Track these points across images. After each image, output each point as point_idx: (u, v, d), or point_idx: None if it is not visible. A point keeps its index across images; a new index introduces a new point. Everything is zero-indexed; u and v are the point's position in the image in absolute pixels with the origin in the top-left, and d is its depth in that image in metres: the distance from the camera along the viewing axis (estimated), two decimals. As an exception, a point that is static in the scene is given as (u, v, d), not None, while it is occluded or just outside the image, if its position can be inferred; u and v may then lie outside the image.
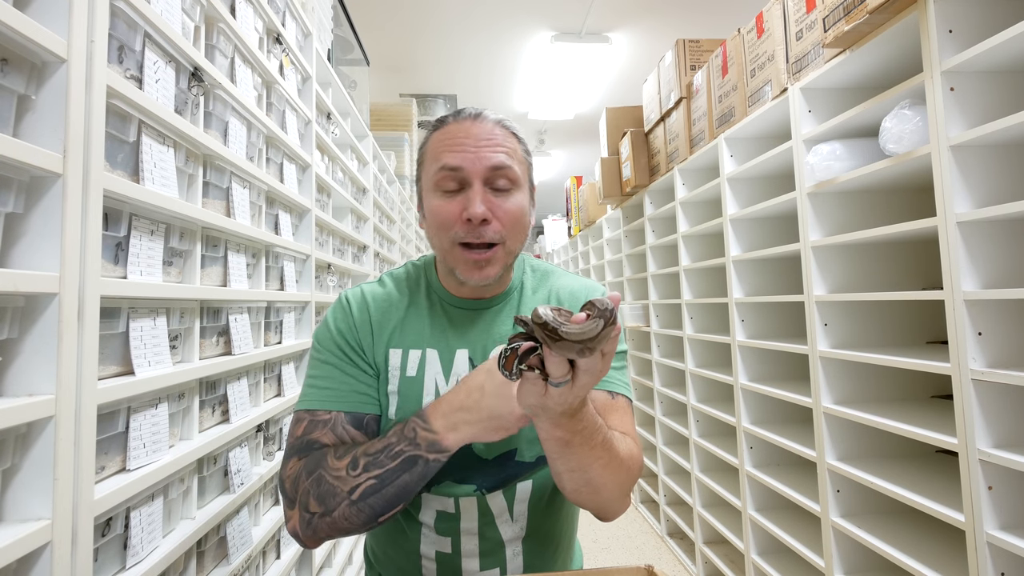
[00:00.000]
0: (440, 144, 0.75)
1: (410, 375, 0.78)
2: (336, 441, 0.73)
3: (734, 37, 1.88)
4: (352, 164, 2.09)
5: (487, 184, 0.74)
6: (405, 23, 3.71)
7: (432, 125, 0.79)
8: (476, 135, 0.74)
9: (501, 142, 0.75)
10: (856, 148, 1.39)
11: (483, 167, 0.73)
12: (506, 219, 0.74)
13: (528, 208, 0.79)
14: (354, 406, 0.75)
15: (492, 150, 0.74)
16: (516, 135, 0.78)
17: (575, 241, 4.83)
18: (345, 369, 0.77)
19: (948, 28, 1.09)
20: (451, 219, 0.73)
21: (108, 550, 0.70)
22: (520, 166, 0.77)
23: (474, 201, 0.72)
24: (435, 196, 0.75)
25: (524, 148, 0.80)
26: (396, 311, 0.81)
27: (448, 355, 0.79)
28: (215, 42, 1.00)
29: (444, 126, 0.77)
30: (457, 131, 0.75)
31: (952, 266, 1.08)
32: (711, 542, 2.33)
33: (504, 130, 0.76)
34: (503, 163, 0.74)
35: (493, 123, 0.76)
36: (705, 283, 2.40)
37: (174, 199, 0.82)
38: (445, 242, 0.75)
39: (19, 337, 0.59)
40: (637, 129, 2.79)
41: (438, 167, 0.74)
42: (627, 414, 0.78)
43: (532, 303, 0.84)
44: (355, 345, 0.79)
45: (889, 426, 1.26)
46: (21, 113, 0.60)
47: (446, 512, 0.78)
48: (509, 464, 0.78)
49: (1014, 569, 1.03)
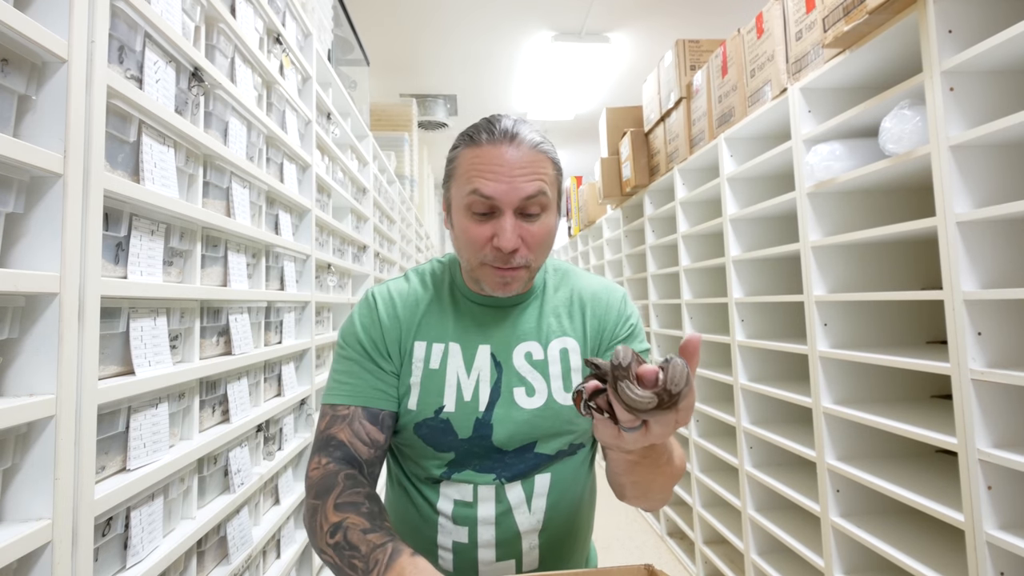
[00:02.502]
0: (472, 166, 0.74)
1: (433, 367, 0.80)
2: (351, 437, 0.76)
3: (734, 37, 1.88)
4: (352, 164, 2.09)
5: (518, 212, 0.74)
6: (405, 23, 3.71)
7: (466, 135, 0.77)
8: (511, 163, 0.72)
9: (536, 170, 0.74)
10: (856, 148, 1.39)
11: (516, 198, 0.73)
12: (534, 243, 0.75)
13: (555, 226, 0.79)
14: (371, 402, 0.78)
15: (527, 179, 0.73)
16: (552, 158, 0.77)
17: (575, 241, 4.83)
18: (365, 366, 0.80)
19: (948, 28, 1.09)
20: (480, 243, 0.75)
21: (108, 550, 0.71)
22: (552, 188, 0.77)
23: (505, 232, 0.72)
24: (465, 216, 0.76)
25: (557, 168, 0.79)
26: (421, 305, 0.84)
27: (471, 350, 0.81)
28: (215, 42, 1.00)
29: (478, 145, 0.74)
30: (493, 157, 0.73)
31: (952, 266, 1.09)
32: (711, 542, 2.34)
33: (540, 155, 0.75)
34: (536, 192, 0.73)
35: (529, 148, 0.74)
36: (705, 283, 2.40)
37: (174, 199, 0.82)
38: (473, 260, 0.77)
39: (19, 337, 0.59)
40: (637, 129, 2.79)
41: (470, 190, 0.73)
42: None
43: (554, 302, 0.86)
44: (378, 342, 0.81)
45: (889, 426, 1.26)
46: (21, 113, 0.60)
47: (464, 501, 0.79)
48: (529, 455, 0.79)
49: (1014, 569, 1.04)
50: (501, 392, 0.79)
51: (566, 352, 0.82)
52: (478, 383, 0.80)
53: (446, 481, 0.80)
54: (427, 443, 0.79)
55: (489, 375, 0.80)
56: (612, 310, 0.86)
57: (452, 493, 0.79)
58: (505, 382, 0.80)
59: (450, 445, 0.79)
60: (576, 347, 0.83)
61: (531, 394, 0.80)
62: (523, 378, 0.80)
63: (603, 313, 0.85)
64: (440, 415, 0.79)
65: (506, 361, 0.81)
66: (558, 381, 0.81)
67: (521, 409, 0.79)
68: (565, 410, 0.80)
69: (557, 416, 0.80)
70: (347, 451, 0.75)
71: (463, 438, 0.78)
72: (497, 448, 0.79)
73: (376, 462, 0.78)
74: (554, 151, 0.79)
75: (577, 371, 0.82)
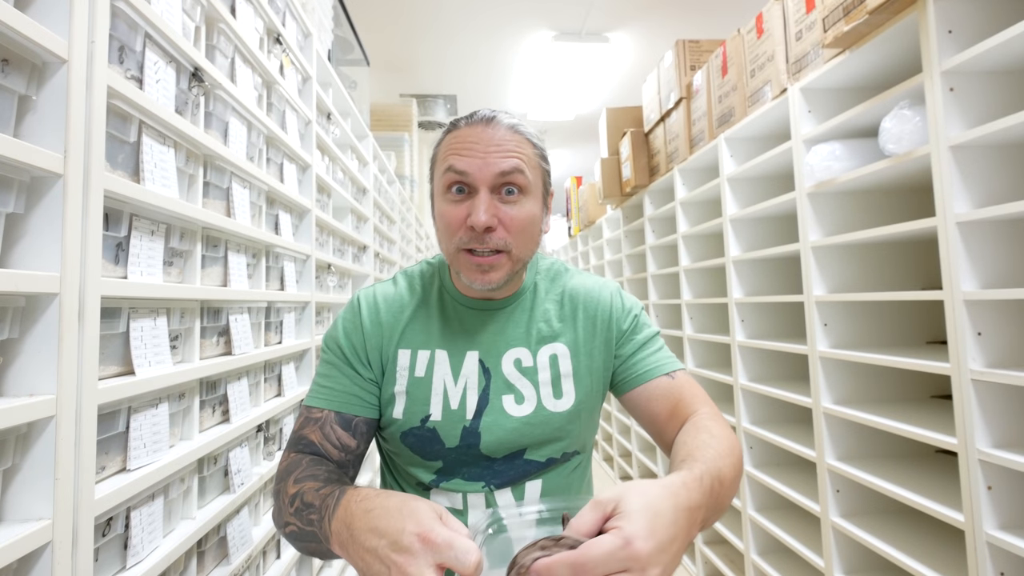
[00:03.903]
0: (450, 147, 0.75)
1: (418, 376, 0.78)
2: (322, 439, 0.76)
3: (734, 37, 1.88)
4: (352, 164, 2.09)
5: (495, 191, 0.73)
6: (405, 23, 3.71)
7: (447, 127, 0.78)
8: (486, 140, 0.72)
9: (512, 148, 0.73)
10: (856, 148, 1.39)
11: (490, 174, 0.72)
12: (512, 226, 0.73)
13: (539, 216, 0.77)
14: (344, 407, 0.77)
15: (502, 156, 0.72)
16: (531, 140, 0.77)
17: (575, 241, 4.83)
18: (343, 370, 0.79)
19: (948, 28, 1.09)
20: (456, 224, 0.73)
21: (108, 550, 0.71)
22: (533, 172, 0.75)
23: (478, 209, 0.71)
24: (442, 200, 0.75)
25: (540, 153, 0.78)
26: (406, 311, 0.82)
27: (458, 357, 0.79)
28: (215, 42, 1.00)
29: (456, 129, 0.75)
30: (468, 135, 0.73)
31: (952, 266, 1.09)
32: (711, 542, 2.33)
33: (517, 135, 0.74)
34: (511, 169, 0.72)
35: (506, 128, 0.74)
36: (705, 283, 2.40)
37: (174, 199, 0.82)
38: (451, 246, 0.75)
39: (20, 337, 0.59)
40: (637, 129, 2.79)
41: (445, 167, 0.74)
42: (693, 384, 0.80)
43: (545, 304, 0.84)
44: (358, 348, 0.80)
45: (889, 426, 1.26)
46: (22, 113, 0.60)
47: (454, 508, 0.78)
48: (518, 462, 0.78)
49: (1014, 569, 1.04)
50: (489, 400, 0.78)
51: (555, 358, 0.80)
52: (465, 390, 0.78)
53: (435, 489, 0.79)
54: (414, 452, 0.78)
55: (477, 382, 0.78)
56: (608, 307, 0.83)
57: (442, 500, 0.78)
58: (494, 389, 0.78)
59: (437, 454, 0.77)
60: (566, 352, 0.81)
61: (520, 401, 0.78)
62: (512, 385, 0.78)
63: (599, 314, 0.83)
64: (427, 424, 0.77)
65: (495, 368, 0.79)
66: (547, 388, 0.79)
67: (510, 417, 0.77)
68: (555, 417, 0.78)
69: (547, 423, 0.78)
70: (317, 450, 0.76)
71: (450, 447, 0.77)
72: (485, 456, 0.77)
73: (348, 465, 0.77)
74: (535, 135, 0.78)
75: (567, 377, 0.80)
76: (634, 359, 0.82)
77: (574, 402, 0.79)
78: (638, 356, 0.82)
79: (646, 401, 0.80)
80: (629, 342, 0.83)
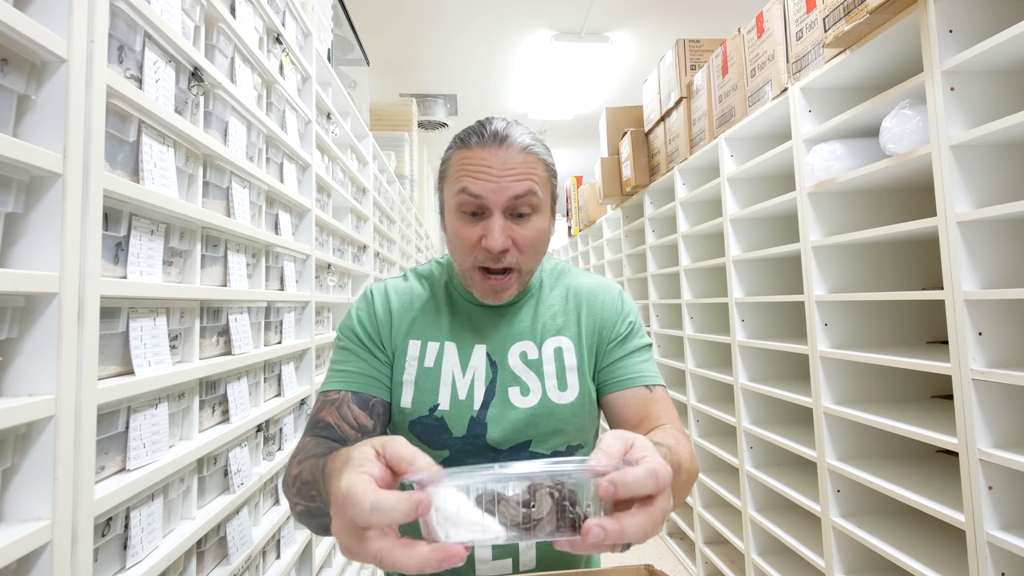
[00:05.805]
0: (461, 167, 0.75)
1: (427, 366, 0.81)
2: (339, 420, 0.76)
3: (734, 37, 1.87)
4: (352, 164, 2.09)
5: (508, 212, 0.74)
6: (405, 23, 3.70)
7: (457, 138, 0.78)
8: (500, 164, 0.73)
9: (526, 171, 0.74)
10: (856, 148, 1.39)
11: (504, 198, 0.73)
12: (524, 245, 0.75)
13: (548, 229, 0.80)
14: (362, 387, 0.79)
15: (515, 179, 0.73)
16: (543, 160, 0.77)
17: (575, 241, 4.83)
18: (359, 354, 0.81)
19: (948, 28, 1.08)
20: (470, 244, 0.75)
21: (108, 550, 0.70)
22: (544, 189, 0.77)
23: (493, 232, 0.73)
24: (456, 217, 0.76)
25: (550, 170, 0.79)
26: (416, 304, 0.85)
27: (466, 350, 0.82)
28: (215, 42, 1.00)
29: (468, 148, 0.75)
30: (482, 157, 0.74)
31: (952, 266, 1.08)
32: (711, 542, 2.33)
33: (530, 156, 0.75)
34: (525, 192, 0.73)
35: (519, 149, 0.74)
36: (705, 283, 2.40)
37: (174, 199, 0.82)
38: (464, 263, 0.77)
39: (19, 337, 0.59)
40: (637, 129, 2.79)
41: (459, 188, 0.74)
42: (668, 402, 0.81)
43: (549, 301, 0.86)
44: (372, 333, 0.82)
45: (889, 426, 1.26)
46: (21, 113, 0.60)
47: None
48: (524, 455, 0.79)
49: (1014, 569, 1.03)
50: (496, 392, 0.80)
51: (560, 351, 0.82)
52: (473, 382, 0.80)
53: None
54: (422, 440, 0.79)
55: (484, 374, 0.80)
56: (609, 309, 0.86)
57: None
58: (500, 382, 0.80)
59: (444, 443, 0.79)
60: (571, 345, 0.83)
61: (526, 393, 0.80)
62: (518, 377, 0.81)
63: (599, 312, 0.85)
64: (435, 413, 0.79)
65: (501, 361, 0.81)
66: (552, 380, 0.81)
67: (516, 408, 0.79)
68: (560, 409, 0.80)
69: (551, 415, 0.80)
70: (333, 432, 0.75)
71: (457, 436, 0.79)
72: (491, 447, 0.79)
73: None
74: (547, 153, 0.79)
75: (572, 370, 0.82)
76: (620, 364, 0.83)
77: (578, 394, 0.82)
78: (625, 362, 0.83)
79: (620, 406, 0.81)
80: (620, 346, 0.84)
